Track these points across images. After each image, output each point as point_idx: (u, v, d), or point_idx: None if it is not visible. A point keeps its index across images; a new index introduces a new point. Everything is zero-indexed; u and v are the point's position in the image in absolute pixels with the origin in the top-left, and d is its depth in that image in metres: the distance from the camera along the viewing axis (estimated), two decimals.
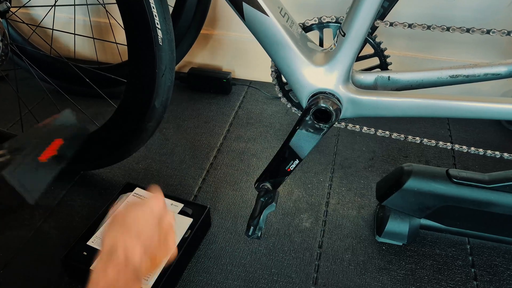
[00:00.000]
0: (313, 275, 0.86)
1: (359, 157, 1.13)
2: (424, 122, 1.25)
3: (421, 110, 0.74)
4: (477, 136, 1.20)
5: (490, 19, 1.15)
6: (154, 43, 0.78)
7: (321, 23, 0.82)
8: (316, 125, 0.74)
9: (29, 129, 0.74)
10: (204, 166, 1.10)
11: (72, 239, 0.84)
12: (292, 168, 0.80)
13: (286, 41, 0.71)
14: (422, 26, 0.78)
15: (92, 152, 0.98)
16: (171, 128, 1.22)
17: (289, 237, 0.93)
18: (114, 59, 1.44)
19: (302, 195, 1.02)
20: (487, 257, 0.89)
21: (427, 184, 0.84)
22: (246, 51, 1.37)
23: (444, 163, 1.11)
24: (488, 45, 1.20)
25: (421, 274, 0.86)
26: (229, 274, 0.86)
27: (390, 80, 0.79)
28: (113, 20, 1.26)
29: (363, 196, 1.02)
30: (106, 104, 1.03)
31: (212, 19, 1.35)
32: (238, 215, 0.97)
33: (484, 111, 0.72)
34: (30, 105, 1.26)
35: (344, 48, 0.70)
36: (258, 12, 0.69)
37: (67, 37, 1.39)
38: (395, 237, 0.90)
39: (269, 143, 1.17)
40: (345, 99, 0.74)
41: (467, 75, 0.76)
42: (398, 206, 0.88)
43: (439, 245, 0.91)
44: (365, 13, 0.66)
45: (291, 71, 0.74)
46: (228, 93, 1.36)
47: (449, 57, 1.23)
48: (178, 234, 0.81)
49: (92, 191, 1.02)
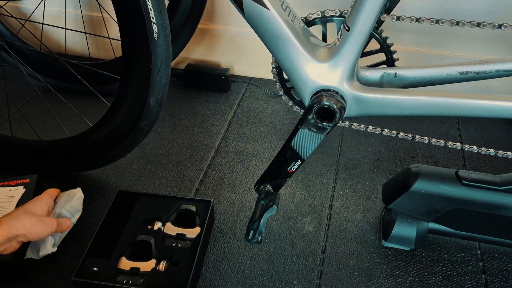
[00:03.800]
0: (316, 282, 0.86)
1: (364, 157, 1.13)
2: (433, 121, 1.25)
3: (429, 109, 0.74)
4: (488, 136, 1.20)
5: (502, 13, 1.15)
6: (149, 38, 0.78)
7: (325, 17, 0.83)
8: (319, 124, 0.74)
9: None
10: (202, 167, 1.10)
11: (72, 252, 0.84)
12: (294, 169, 0.80)
13: (288, 36, 0.71)
14: (430, 20, 0.78)
15: (84, 153, 0.98)
16: (167, 128, 1.22)
17: (290, 241, 0.93)
18: (107, 55, 1.44)
19: (304, 198, 1.02)
20: (498, 263, 0.89)
21: (435, 186, 0.84)
22: (245, 46, 1.37)
23: (454, 164, 1.11)
24: (500, 40, 1.20)
25: (429, 281, 0.86)
26: (228, 280, 0.86)
27: (397, 77, 0.79)
28: (106, 14, 1.26)
29: (368, 198, 1.02)
30: (99, 102, 1.03)
31: (210, 13, 1.35)
32: (237, 218, 0.97)
33: (496, 110, 0.72)
34: (19, 103, 1.26)
35: (349, 44, 0.70)
36: (258, 5, 0.69)
37: (58, 32, 1.40)
38: (402, 241, 0.90)
39: (269, 143, 1.17)
40: (350, 96, 0.74)
41: (477, 71, 0.76)
42: (405, 209, 0.88)
43: (448, 250, 0.91)
44: (371, 7, 0.66)
45: (293, 67, 0.74)
46: (226, 90, 1.36)
47: (459, 53, 1.23)
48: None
49: (85, 194, 1.01)
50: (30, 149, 1.03)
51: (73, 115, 1.13)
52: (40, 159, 1.02)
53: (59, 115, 1.15)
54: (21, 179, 0.95)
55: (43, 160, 1.02)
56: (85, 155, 0.99)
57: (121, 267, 0.82)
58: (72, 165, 1.02)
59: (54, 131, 1.16)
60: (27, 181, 0.94)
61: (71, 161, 1.01)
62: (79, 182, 1.04)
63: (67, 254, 0.89)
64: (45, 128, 1.18)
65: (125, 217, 0.91)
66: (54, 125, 1.16)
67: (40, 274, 0.86)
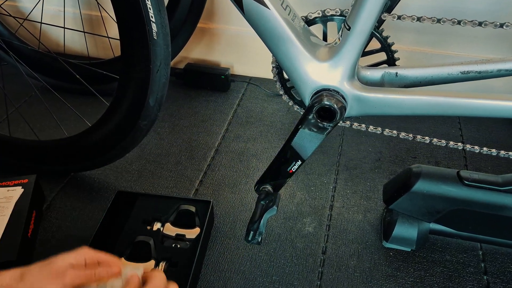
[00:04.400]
0: (317, 283, 0.86)
1: (365, 157, 1.13)
2: (434, 121, 1.25)
3: (430, 108, 0.74)
4: (489, 136, 1.20)
5: (504, 12, 1.15)
6: (149, 37, 0.78)
7: (325, 16, 0.83)
8: (319, 124, 0.74)
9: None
10: (202, 167, 1.10)
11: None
12: (294, 169, 0.80)
13: (288, 35, 0.71)
14: (431, 19, 0.78)
15: (83, 153, 0.98)
16: (166, 127, 1.22)
17: (291, 242, 0.93)
18: (106, 54, 1.44)
19: (304, 198, 1.02)
20: (500, 264, 0.89)
21: (437, 186, 0.84)
22: (245, 46, 1.37)
23: (455, 164, 1.11)
24: (501, 40, 1.20)
25: (430, 282, 0.86)
26: (227, 281, 0.86)
27: (398, 76, 0.79)
28: (104, 13, 1.26)
29: (369, 199, 1.02)
30: (98, 101, 1.03)
31: (210, 12, 1.35)
32: (237, 219, 0.97)
33: (497, 109, 0.72)
34: (17, 103, 1.26)
35: (349, 43, 0.70)
36: (258, 4, 0.69)
37: (57, 31, 1.39)
38: (403, 242, 0.90)
39: (270, 143, 1.17)
40: (350, 96, 0.74)
41: (479, 71, 0.76)
42: (406, 210, 0.88)
43: (449, 251, 0.91)
44: (372, 6, 0.66)
45: (293, 67, 0.74)
46: (226, 90, 1.36)
47: (460, 52, 1.23)
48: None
49: (83, 194, 1.02)
50: (29, 149, 1.03)
51: (71, 115, 1.13)
52: (39, 159, 1.02)
53: (58, 114, 1.15)
54: (19, 179, 0.95)
55: (42, 160, 1.02)
56: (84, 155, 0.99)
57: None
58: (71, 165, 1.02)
59: (53, 131, 1.16)
60: (26, 181, 0.94)
61: (70, 161, 1.01)
62: (78, 183, 1.04)
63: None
64: (43, 128, 1.18)
65: (124, 218, 0.91)
66: (53, 125, 1.16)
67: None
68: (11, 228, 0.85)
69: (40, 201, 0.97)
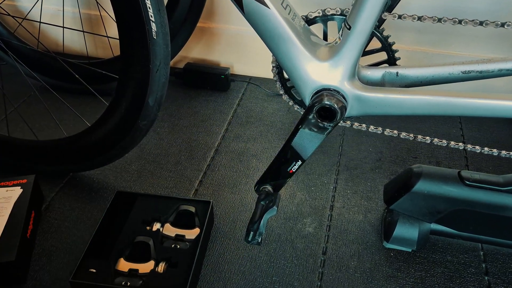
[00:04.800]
0: (317, 283, 0.86)
1: (365, 158, 1.13)
2: (435, 120, 1.25)
3: (431, 108, 0.74)
4: (491, 136, 1.20)
5: (505, 11, 1.15)
6: (148, 36, 0.78)
7: (325, 15, 0.82)
8: (320, 124, 0.74)
9: None
10: (201, 167, 1.10)
11: (70, 253, 0.84)
12: (294, 169, 0.80)
13: (288, 35, 0.71)
14: (432, 19, 0.78)
15: (82, 153, 0.98)
16: (166, 127, 1.22)
17: (291, 243, 0.93)
18: (105, 54, 1.44)
19: (305, 198, 1.02)
20: (501, 264, 0.89)
21: (437, 186, 0.84)
22: (245, 45, 1.37)
23: (456, 164, 1.11)
24: (503, 39, 1.20)
25: (431, 283, 0.86)
26: (227, 282, 0.86)
27: (399, 76, 0.79)
28: (104, 12, 1.26)
29: (369, 199, 1.02)
30: (97, 101, 1.03)
31: (209, 12, 1.35)
32: (237, 219, 0.97)
33: (499, 109, 0.72)
34: (16, 103, 1.26)
35: (350, 42, 0.70)
36: (258, 3, 0.69)
37: (56, 31, 1.40)
38: (404, 243, 0.90)
39: (270, 143, 1.17)
40: (351, 96, 0.74)
41: (480, 70, 0.76)
42: (407, 210, 0.88)
43: (450, 251, 0.91)
44: (372, 5, 0.66)
45: (293, 66, 0.74)
46: (226, 89, 1.36)
47: (461, 52, 1.23)
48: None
49: (82, 194, 1.02)
50: (28, 149, 1.03)
51: (71, 115, 1.13)
52: (38, 159, 1.02)
53: (57, 114, 1.15)
54: (18, 179, 0.95)
55: (41, 160, 1.02)
56: (83, 155, 0.99)
57: (120, 269, 0.82)
58: (70, 165, 1.02)
59: (52, 130, 1.16)
60: (24, 181, 0.94)
61: (69, 161, 1.01)
62: (77, 183, 1.04)
63: (65, 255, 0.89)
64: (42, 128, 1.18)
65: (123, 218, 0.91)
66: (52, 124, 1.16)
67: (37, 275, 0.86)
68: (10, 229, 0.85)
69: (39, 201, 0.97)
